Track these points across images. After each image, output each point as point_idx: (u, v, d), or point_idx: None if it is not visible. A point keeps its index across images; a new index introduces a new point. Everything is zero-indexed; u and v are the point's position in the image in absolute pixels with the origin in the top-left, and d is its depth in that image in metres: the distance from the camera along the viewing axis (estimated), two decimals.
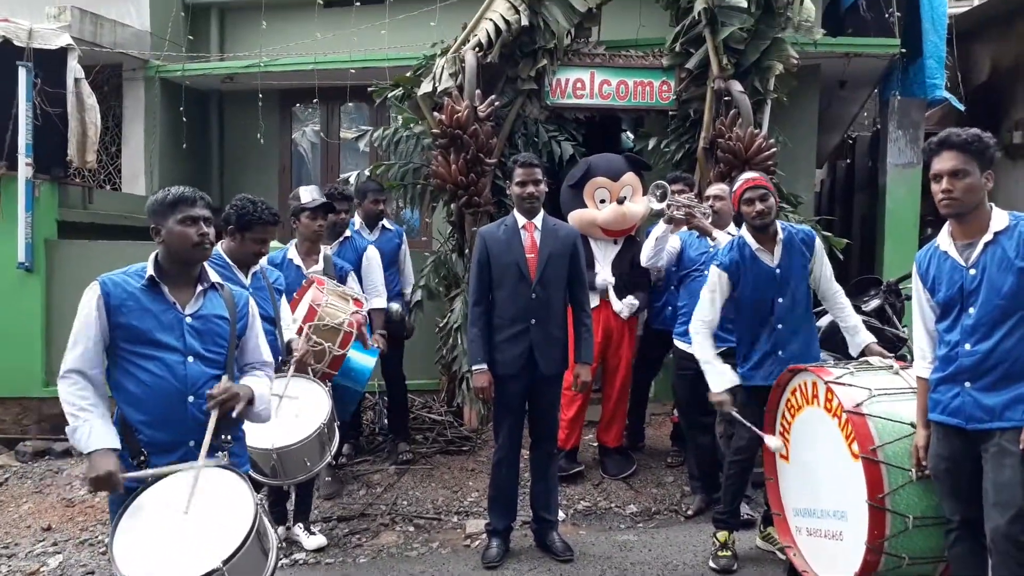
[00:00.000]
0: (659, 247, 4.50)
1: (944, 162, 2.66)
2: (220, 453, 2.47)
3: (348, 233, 4.96)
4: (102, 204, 7.08)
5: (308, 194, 4.47)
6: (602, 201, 4.96)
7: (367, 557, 4.12)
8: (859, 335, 3.73)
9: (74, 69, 6.50)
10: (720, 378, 3.66)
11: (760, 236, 3.67)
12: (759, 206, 3.58)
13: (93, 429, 2.34)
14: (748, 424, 3.59)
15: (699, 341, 3.75)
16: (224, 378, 2.54)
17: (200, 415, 2.48)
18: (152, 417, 2.45)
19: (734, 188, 3.74)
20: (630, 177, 5.05)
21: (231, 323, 2.60)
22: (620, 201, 4.90)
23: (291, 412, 3.36)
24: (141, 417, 2.44)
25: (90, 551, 4.26)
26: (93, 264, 2.56)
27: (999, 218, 2.67)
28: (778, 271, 3.65)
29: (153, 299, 2.48)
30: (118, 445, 2.36)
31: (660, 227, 4.47)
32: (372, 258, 4.89)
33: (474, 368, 3.87)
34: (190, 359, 2.48)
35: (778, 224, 3.69)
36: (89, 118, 6.61)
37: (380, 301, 4.81)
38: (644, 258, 4.62)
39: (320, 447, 3.41)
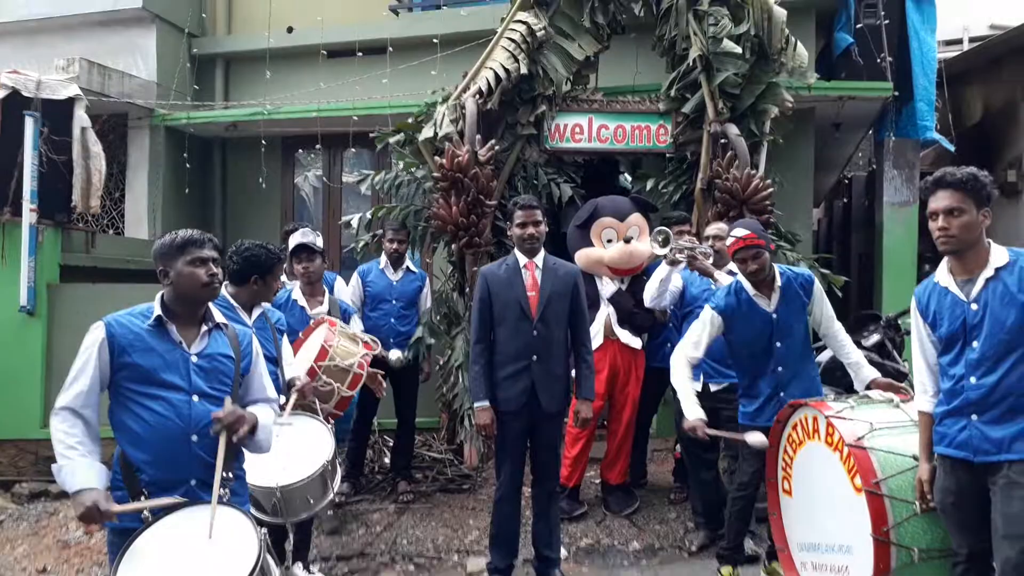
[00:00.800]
0: (663, 288, 4.54)
1: (939, 200, 2.70)
2: (224, 490, 2.46)
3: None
4: (104, 248, 7.15)
5: (294, 240, 4.58)
6: (609, 241, 5.01)
7: None
8: (863, 371, 3.71)
9: (80, 119, 6.62)
10: (693, 408, 3.68)
11: (757, 283, 3.70)
12: (752, 266, 3.61)
13: (77, 469, 2.32)
14: (727, 434, 3.70)
15: (677, 371, 3.76)
16: (227, 400, 2.55)
17: (203, 454, 2.49)
18: (155, 456, 2.45)
19: (727, 243, 3.75)
20: (636, 218, 5.09)
21: (236, 361, 2.62)
22: (627, 241, 4.95)
23: (294, 450, 3.36)
24: (144, 456, 2.44)
25: None
26: (94, 307, 2.59)
27: (998, 254, 2.70)
28: (775, 316, 3.67)
29: (159, 339, 2.50)
30: (102, 485, 2.33)
31: (663, 269, 4.51)
32: (340, 289, 5.11)
33: (476, 405, 3.87)
34: (195, 398, 2.50)
35: (777, 270, 3.71)
36: (94, 165, 6.70)
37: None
38: (648, 299, 4.65)
39: (323, 485, 3.40)
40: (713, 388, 4.37)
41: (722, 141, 5.61)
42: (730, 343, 3.78)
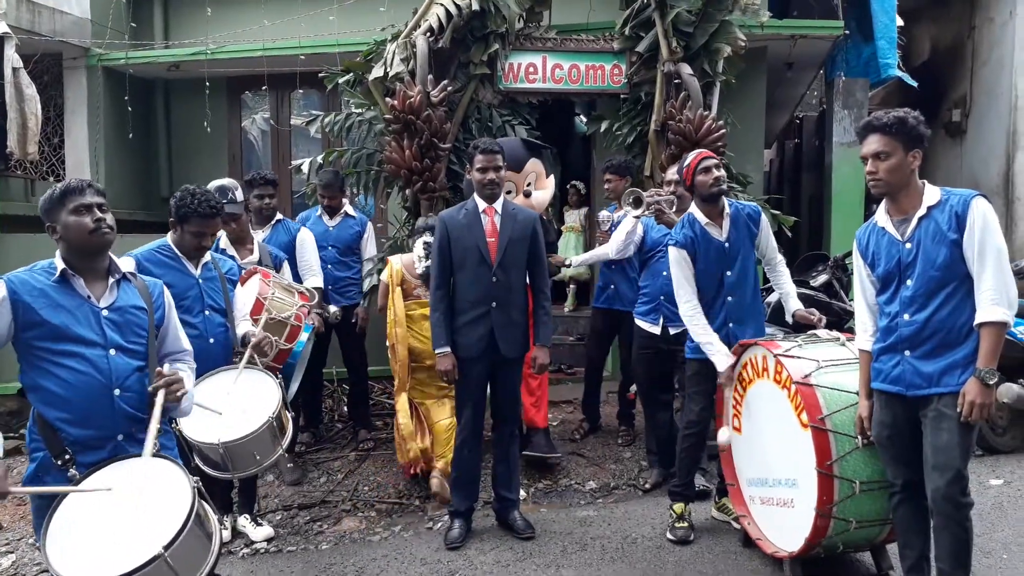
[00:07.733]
0: (628, 240, 4.68)
1: (868, 145, 2.80)
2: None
3: (279, 216, 4.94)
4: None
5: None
6: (508, 192, 4.74)
7: (329, 543, 4.11)
8: (789, 301, 3.88)
9: (11, 59, 6.30)
10: (723, 358, 3.67)
11: (710, 210, 3.76)
12: (716, 172, 3.71)
13: None
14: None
15: (694, 324, 3.75)
16: (167, 365, 2.55)
17: (127, 408, 2.43)
18: (76, 415, 2.37)
19: (687, 163, 3.81)
20: (533, 164, 4.94)
21: (149, 313, 2.55)
22: (527, 195, 4.87)
23: (240, 405, 3.23)
24: (65, 416, 2.37)
25: None
26: (37, 257, 2.49)
27: (931, 194, 2.79)
28: (727, 244, 3.76)
29: (66, 294, 2.40)
30: None
31: (629, 222, 4.60)
32: (305, 240, 4.91)
33: (437, 351, 3.89)
34: (112, 352, 2.42)
35: (725, 200, 3.80)
36: (29, 108, 6.42)
37: (316, 280, 4.83)
38: (614, 251, 4.75)
39: (270, 440, 3.32)
40: (672, 331, 4.44)
41: (675, 81, 5.60)
42: None
